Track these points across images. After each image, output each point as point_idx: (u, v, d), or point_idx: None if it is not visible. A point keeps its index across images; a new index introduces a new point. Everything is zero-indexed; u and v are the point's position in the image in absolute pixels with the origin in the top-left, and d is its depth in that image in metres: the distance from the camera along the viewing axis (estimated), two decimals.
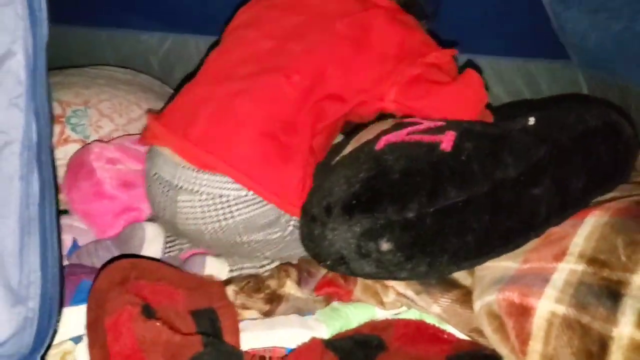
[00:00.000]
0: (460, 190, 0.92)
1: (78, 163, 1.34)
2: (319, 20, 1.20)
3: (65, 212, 1.35)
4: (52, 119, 0.86)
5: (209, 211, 1.09)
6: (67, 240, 1.27)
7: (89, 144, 1.39)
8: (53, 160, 0.87)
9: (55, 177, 0.87)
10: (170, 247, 1.26)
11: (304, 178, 1.12)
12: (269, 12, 1.26)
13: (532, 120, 1.04)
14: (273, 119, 1.11)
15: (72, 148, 1.41)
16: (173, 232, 1.23)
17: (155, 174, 1.14)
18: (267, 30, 1.22)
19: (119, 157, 1.35)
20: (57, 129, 1.42)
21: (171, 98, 1.30)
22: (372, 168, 0.98)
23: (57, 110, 1.45)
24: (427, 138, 1.01)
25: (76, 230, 1.30)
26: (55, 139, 1.41)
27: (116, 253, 1.21)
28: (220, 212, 1.09)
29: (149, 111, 1.51)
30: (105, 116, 1.49)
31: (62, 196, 1.32)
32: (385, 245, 0.91)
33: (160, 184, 1.13)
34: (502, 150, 0.97)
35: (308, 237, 1.02)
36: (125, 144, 1.39)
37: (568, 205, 0.99)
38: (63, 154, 1.40)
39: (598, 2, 1.30)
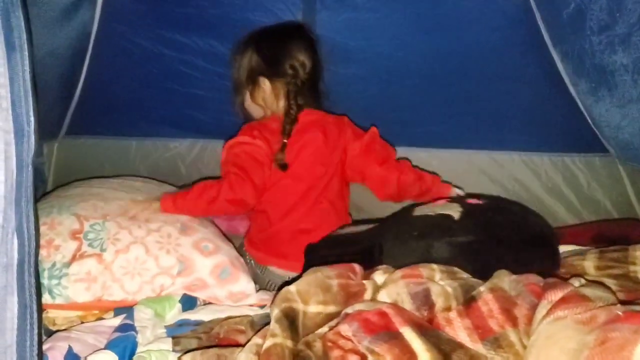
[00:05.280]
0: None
1: None
2: None
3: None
4: (38, 238, 0.81)
5: None
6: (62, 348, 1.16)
7: None
8: (38, 282, 0.81)
9: (40, 299, 0.82)
10: None
11: None
12: None
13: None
14: None
15: (86, 263, 1.38)
16: None
17: None
18: None
19: None
20: (74, 245, 1.41)
21: None
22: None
23: (75, 225, 1.45)
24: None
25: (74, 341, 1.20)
26: (71, 254, 1.39)
27: None
28: None
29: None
30: (124, 228, 1.47)
31: None
32: None
33: None
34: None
35: None
36: None
37: None
38: (77, 269, 1.37)
39: (627, 96, 1.23)
